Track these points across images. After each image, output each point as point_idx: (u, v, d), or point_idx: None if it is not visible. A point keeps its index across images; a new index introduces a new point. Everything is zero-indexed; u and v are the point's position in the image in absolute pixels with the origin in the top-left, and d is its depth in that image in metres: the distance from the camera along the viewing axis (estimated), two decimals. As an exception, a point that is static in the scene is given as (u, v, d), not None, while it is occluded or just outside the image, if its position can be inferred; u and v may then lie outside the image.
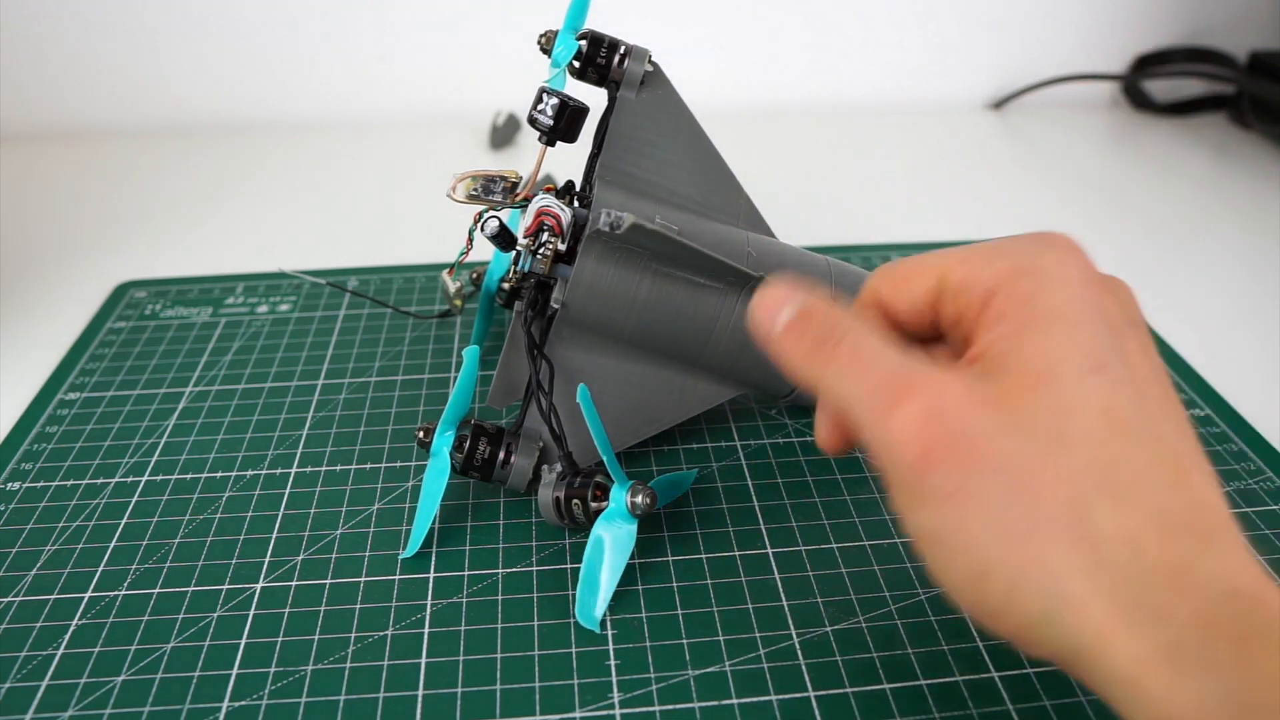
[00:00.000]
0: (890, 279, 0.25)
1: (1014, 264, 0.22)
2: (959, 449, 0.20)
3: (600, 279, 0.31)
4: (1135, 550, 0.19)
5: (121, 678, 0.29)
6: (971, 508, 0.20)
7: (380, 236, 0.55)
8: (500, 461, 0.33)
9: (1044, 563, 0.19)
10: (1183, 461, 0.20)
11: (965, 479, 0.20)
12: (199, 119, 0.72)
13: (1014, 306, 0.22)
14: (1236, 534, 0.20)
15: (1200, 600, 0.19)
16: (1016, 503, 0.20)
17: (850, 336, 0.23)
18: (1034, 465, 0.20)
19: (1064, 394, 0.20)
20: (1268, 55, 0.70)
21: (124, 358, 0.44)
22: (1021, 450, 0.20)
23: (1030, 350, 0.21)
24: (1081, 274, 0.22)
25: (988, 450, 0.20)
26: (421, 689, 0.28)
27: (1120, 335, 0.22)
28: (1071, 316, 0.21)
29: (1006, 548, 0.20)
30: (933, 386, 0.21)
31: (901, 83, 0.76)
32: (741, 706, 0.28)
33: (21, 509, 0.35)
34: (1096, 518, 0.19)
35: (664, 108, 0.36)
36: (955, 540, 0.20)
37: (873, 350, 0.23)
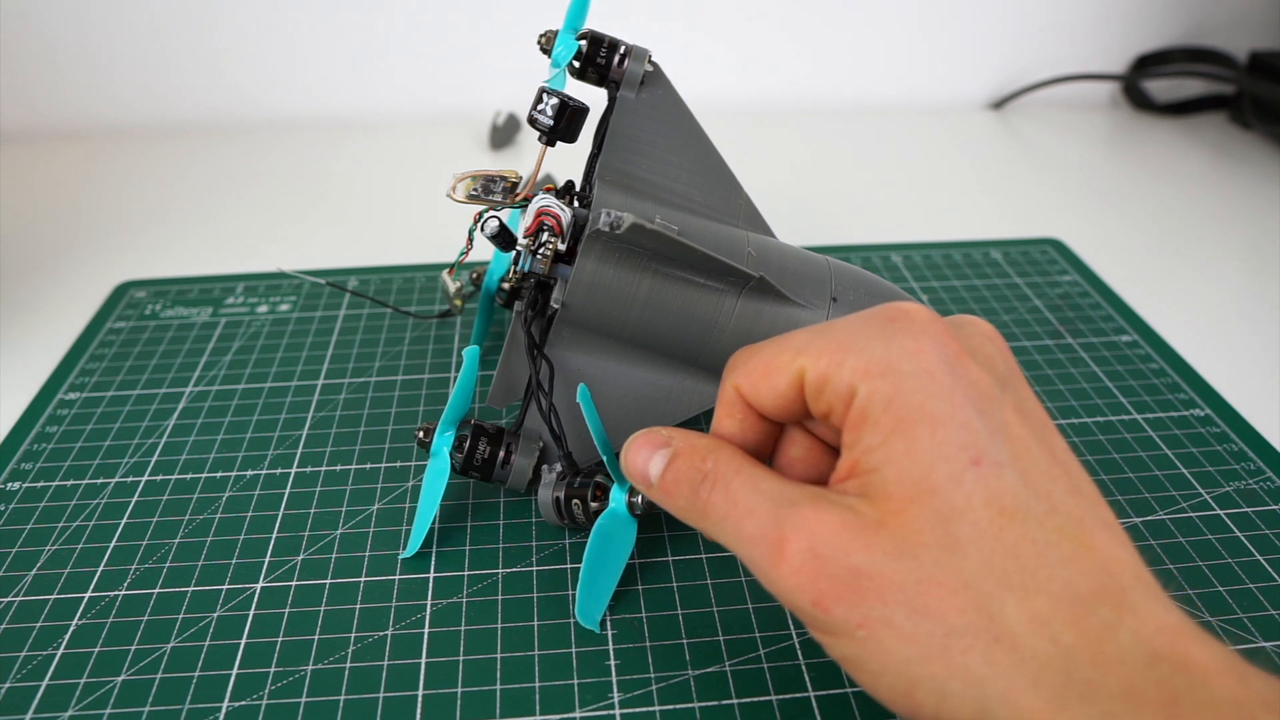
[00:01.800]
0: (749, 376, 0.24)
1: (867, 363, 0.22)
2: (851, 586, 0.20)
3: (600, 279, 0.31)
4: (1051, 635, 0.19)
5: (121, 678, 0.29)
6: (881, 636, 0.20)
7: (380, 236, 0.55)
8: (500, 461, 0.33)
9: (966, 671, 0.19)
10: (1083, 526, 0.20)
11: (866, 612, 0.20)
12: (199, 119, 0.72)
13: (877, 412, 0.21)
14: (1150, 585, 0.20)
15: (1124, 672, 0.19)
16: (923, 621, 0.20)
17: (718, 481, 0.23)
18: (930, 580, 0.20)
19: (945, 500, 0.20)
20: (1268, 55, 0.70)
21: (124, 358, 0.44)
22: (914, 570, 0.20)
23: (902, 462, 0.21)
24: (940, 355, 0.21)
25: (879, 579, 0.20)
26: (421, 689, 0.28)
27: (992, 408, 0.21)
28: (937, 413, 0.21)
29: (925, 665, 0.20)
30: (808, 528, 0.21)
31: (901, 83, 0.76)
32: (741, 706, 0.28)
33: (21, 509, 0.35)
34: (1006, 614, 0.19)
35: (664, 108, 0.36)
36: (874, 665, 0.21)
37: (744, 492, 0.23)
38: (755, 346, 0.24)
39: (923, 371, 0.21)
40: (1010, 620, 0.19)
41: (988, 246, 0.54)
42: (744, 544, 0.22)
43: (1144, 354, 0.44)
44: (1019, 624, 0.19)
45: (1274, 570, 0.33)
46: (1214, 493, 0.36)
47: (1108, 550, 0.20)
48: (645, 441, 0.25)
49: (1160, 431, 0.39)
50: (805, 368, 0.23)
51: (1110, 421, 0.40)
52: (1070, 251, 0.53)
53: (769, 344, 0.24)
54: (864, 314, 0.23)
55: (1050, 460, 0.21)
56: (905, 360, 0.21)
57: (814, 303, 0.34)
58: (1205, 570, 0.33)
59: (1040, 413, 0.23)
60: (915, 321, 0.22)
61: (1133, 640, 0.19)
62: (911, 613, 0.20)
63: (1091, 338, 0.46)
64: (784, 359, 0.23)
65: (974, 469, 0.20)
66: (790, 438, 0.26)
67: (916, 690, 0.20)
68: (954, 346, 0.22)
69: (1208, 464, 0.38)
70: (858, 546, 0.20)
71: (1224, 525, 0.35)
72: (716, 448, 0.24)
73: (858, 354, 0.22)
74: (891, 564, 0.20)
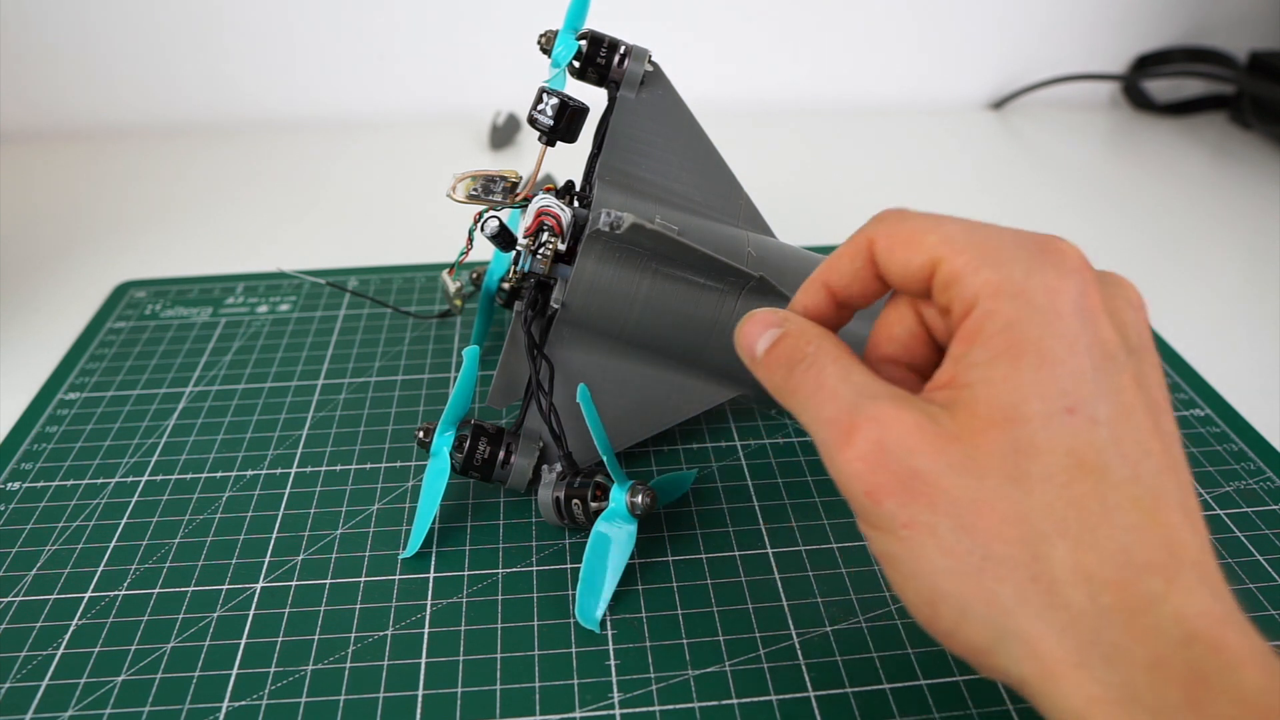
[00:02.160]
0: (889, 237, 0.24)
1: (1003, 279, 0.21)
2: (907, 486, 0.21)
3: (600, 279, 0.31)
4: (1092, 591, 0.19)
5: (121, 678, 0.29)
6: (922, 540, 0.20)
7: (380, 236, 0.55)
8: (500, 461, 0.33)
9: (993, 598, 0.20)
10: (1160, 501, 0.20)
11: (915, 514, 0.20)
12: (199, 119, 0.72)
13: (992, 331, 0.21)
14: (1208, 572, 0.20)
15: (1156, 644, 0.19)
16: (966, 539, 0.20)
17: (814, 364, 0.23)
18: (986, 503, 0.20)
19: (1028, 435, 0.20)
20: (1268, 55, 0.70)
21: (124, 358, 0.44)
22: (972, 488, 0.20)
23: (999, 386, 0.21)
24: (1076, 301, 0.21)
25: (936, 487, 0.20)
26: (421, 689, 0.28)
27: (1111, 368, 0.21)
28: (1050, 353, 0.20)
29: (956, 580, 0.20)
30: (881, 422, 0.21)
31: (901, 83, 0.76)
32: (741, 706, 0.28)
33: (21, 509, 0.35)
34: (1053, 557, 0.19)
35: (664, 108, 0.36)
36: (908, 567, 0.21)
37: (832, 379, 0.23)
38: (906, 212, 0.24)
39: (1052, 309, 0.21)
40: (1055, 564, 0.19)
41: (988, 246, 0.54)
42: (819, 425, 0.23)
43: (1144, 354, 0.44)
44: (1063, 570, 0.19)
45: (1274, 570, 0.33)
46: (1214, 493, 0.36)
47: (1176, 530, 0.20)
48: (761, 319, 0.25)
49: (1160, 431, 0.39)
50: (943, 258, 0.22)
51: (1110, 421, 0.40)
52: (1070, 251, 0.53)
53: (921, 217, 0.23)
54: (1021, 233, 0.22)
55: (1152, 433, 0.21)
56: (1040, 292, 0.21)
57: (814, 303, 0.33)
58: (1205, 570, 0.33)
59: (1160, 389, 0.22)
60: (1066, 260, 0.22)
61: (1173, 617, 0.19)
62: (957, 527, 0.20)
63: (1091, 338, 0.46)
64: (930, 240, 0.23)
65: (1067, 416, 0.20)
66: (898, 311, 0.25)
67: (940, 602, 0.20)
68: (1094, 298, 0.21)
69: (1208, 464, 0.38)
70: (925, 450, 0.21)
71: (1224, 525, 0.35)
72: (823, 336, 0.24)
73: (996, 268, 0.21)
74: (952, 476, 0.20)
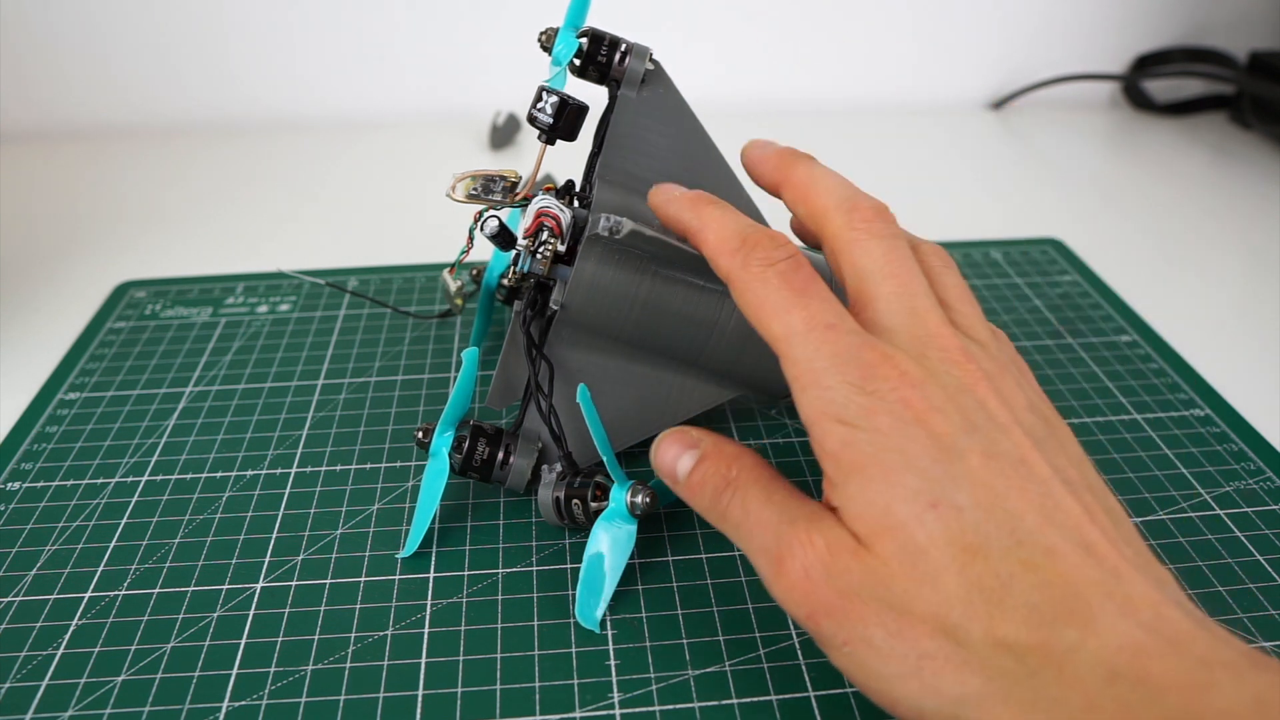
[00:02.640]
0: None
1: (825, 404, 0.23)
2: (837, 606, 0.22)
3: (600, 281, 0.31)
4: (1017, 657, 0.20)
5: (121, 678, 0.29)
6: (864, 654, 0.22)
7: (380, 236, 0.55)
8: (499, 462, 0.33)
9: (938, 690, 0.21)
10: (1049, 553, 0.21)
11: (850, 630, 0.22)
12: (199, 119, 0.72)
13: (833, 450, 0.23)
14: (1122, 604, 0.21)
15: (1085, 690, 0.20)
16: (899, 644, 0.21)
17: (739, 490, 0.25)
18: (901, 608, 0.21)
19: (908, 536, 0.21)
20: (1268, 55, 0.70)
21: (124, 358, 0.44)
22: (887, 598, 0.21)
23: (860, 502, 0.22)
24: (897, 415, 0.22)
25: (861, 605, 0.22)
26: (421, 689, 0.28)
27: (952, 457, 0.22)
28: (889, 465, 0.22)
29: (902, 683, 0.21)
30: (802, 550, 0.23)
31: (901, 83, 0.76)
32: (741, 706, 0.28)
33: (21, 509, 0.35)
34: (973, 641, 0.21)
35: (665, 106, 0.36)
36: (859, 678, 0.22)
37: (756, 505, 0.24)
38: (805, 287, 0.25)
39: (873, 428, 0.22)
40: (976, 646, 0.21)
41: (988, 246, 0.54)
42: (754, 554, 0.24)
43: (1144, 354, 0.44)
44: (985, 649, 0.21)
45: (1274, 570, 0.33)
46: (1214, 493, 0.36)
47: (1078, 573, 0.21)
48: (675, 440, 0.27)
49: (1160, 431, 0.39)
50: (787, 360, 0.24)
51: (1110, 421, 0.40)
52: (1070, 251, 0.53)
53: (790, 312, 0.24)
54: (850, 349, 0.23)
55: (1019, 493, 0.22)
56: (859, 416, 0.23)
57: (814, 303, 0.33)
58: (1205, 570, 0.33)
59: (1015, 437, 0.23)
60: (877, 373, 0.23)
61: (1093, 660, 0.20)
62: (888, 635, 0.21)
63: (1091, 338, 0.46)
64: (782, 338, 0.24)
65: (932, 510, 0.22)
66: None
67: (898, 705, 0.22)
68: (915, 403, 0.23)
69: (1208, 464, 0.38)
70: (841, 571, 0.22)
71: (1224, 525, 0.35)
72: (740, 455, 0.26)
73: (820, 391, 0.23)
74: (869, 590, 0.22)
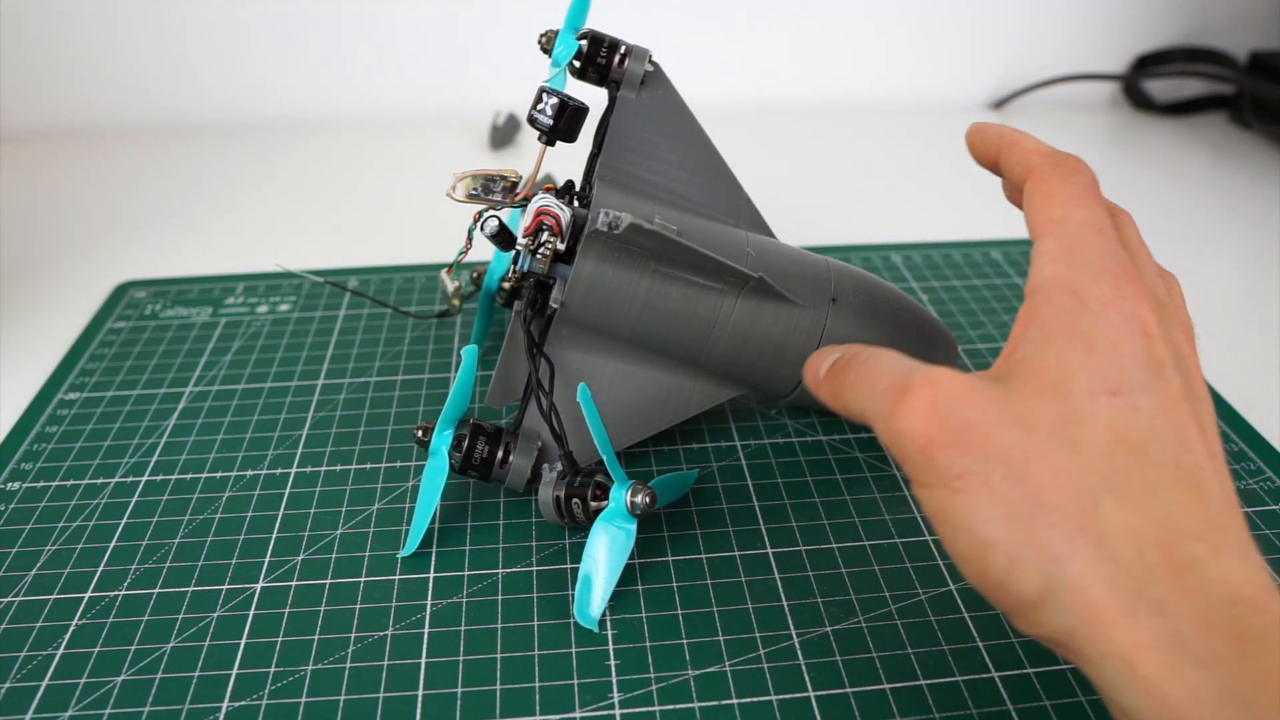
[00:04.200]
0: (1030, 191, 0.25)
1: (1071, 278, 0.23)
2: (959, 437, 0.21)
3: (599, 279, 0.31)
4: (1139, 548, 0.20)
5: (121, 678, 0.29)
6: (974, 490, 0.21)
7: (380, 236, 0.55)
8: (499, 461, 0.33)
9: (1044, 546, 0.20)
10: (1200, 487, 0.21)
11: (968, 464, 0.21)
12: (199, 119, 0.72)
13: (1049, 316, 0.22)
14: (1250, 552, 0.20)
15: (1201, 602, 0.19)
16: (1018, 486, 0.21)
17: (869, 359, 0.25)
18: (1036, 455, 0.21)
19: (1073, 405, 0.21)
20: (1268, 55, 0.70)
21: (124, 358, 0.44)
22: (1023, 440, 0.21)
23: (1049, 362, 0.22)
24: (1128, 316, 0.22)
25: (990, 438, 0.21)
26: (421, 689, 0.28)
27: (1160, 373, 0.22)
28: (1098, 345, 0.22)
29: (1007, 528, 0.21)
30: (934, 383, 0.22)
31: (902, 82, 0.76)
32: (741, 706, 0.28)
33: (21, 509, 0.35)
34: (1102, 510, 0.20)
35: (664, 107, 0.36)
36: (960, 519, 0.21)
37: (882, 365, 0.24)
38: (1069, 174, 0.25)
39: (1103, 315, 0.22)
40: (1104, 518, 0.20)
41: (988, 246, 0.54)
42: (873, 399, 0.23)
43: (1144, 354, 0.44)
44: (1113, 526, 0.20)
45: (1274, 570, 0.33)
46: (1214, 493, 0.36)
47: (1218, 512, 0.21)
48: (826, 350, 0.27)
49: (1160, 431, 0.39)
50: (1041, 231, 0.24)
51: (1110, 421, 0.40)
52: (1070, 251, 0.53)
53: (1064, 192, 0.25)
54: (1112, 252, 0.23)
55: (1196, 435, 0.22)
56: (1096, 300, 0.22)
57: (814, 303, 0.34)
58: (1205, 570, 0.33)
59: (1210, 423, 0.23)
60: (1129, 285, 0.23)
61: (1217, 578, 0.19)
62: (1009, 475, 0.21)
63: (1091, 338, 0.46)
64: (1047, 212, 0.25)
65: (1110, 397, 0.21)
66: None
67: (991, 551, 0.21)
68: (1149, 323, 0.22)
69: (1208, 464, 0.38)
70: (977, 405, 0.21)
71: (1224, 525, 0.35)
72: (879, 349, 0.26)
73: (1070, 266, 0.23)
74: (1004, 429, 0.21)
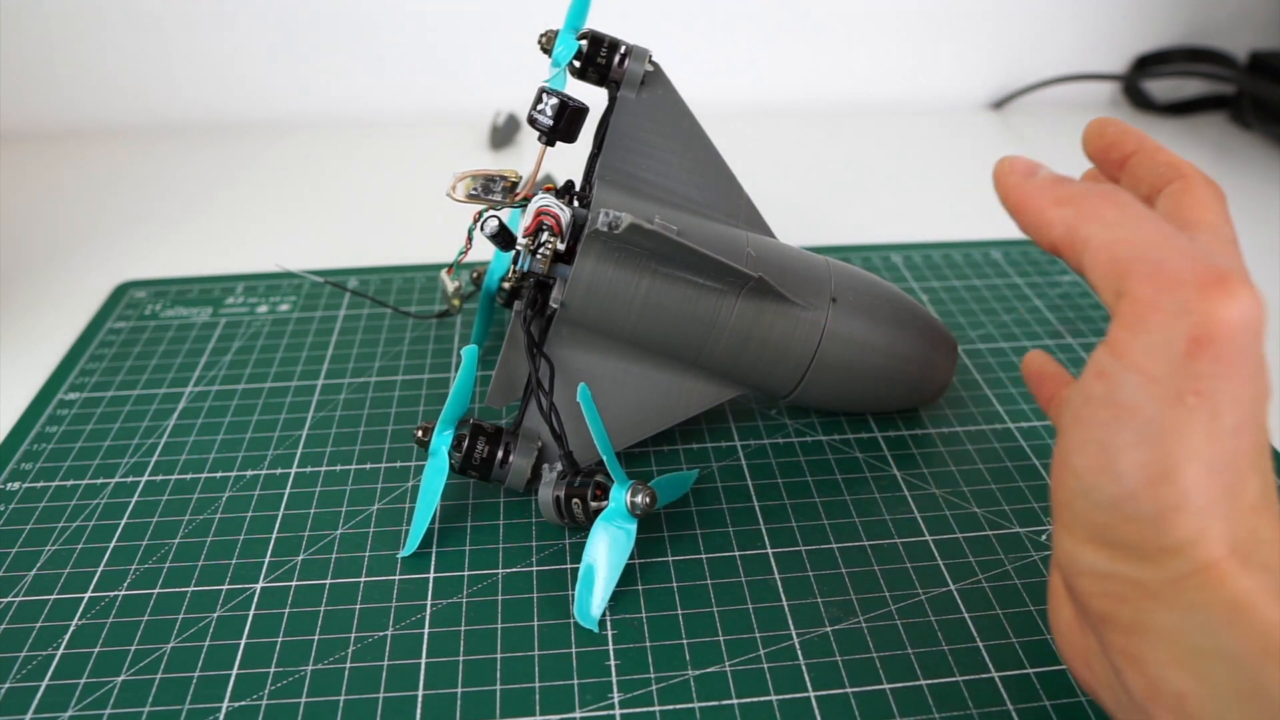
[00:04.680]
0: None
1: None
2: (1242, 360, 0.20)
3: (599, 279, 0.31)
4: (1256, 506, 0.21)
5: (121, 678, 0.29)
6: (1199, 421, 0.20)
7: (380, 236, 0.55)
8: (499, 461, 0.33)
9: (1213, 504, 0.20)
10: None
11: (1219, 388, 0.20)
12: (199, 119, 0.72)
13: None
14: None
15: None
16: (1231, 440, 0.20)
17: (1117, 194, 0.22)
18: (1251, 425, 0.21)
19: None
20: (1268, 55, 0.70)
21: (124, 358, 0.44)
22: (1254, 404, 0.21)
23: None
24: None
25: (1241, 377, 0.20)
26: (421, 689, 0.28)
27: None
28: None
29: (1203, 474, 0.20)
30: (1251, 289, 0.20)
31: (901, 83, 0.76)
32: (741, 706, 0.28)
33: (21, 509, 0.35)
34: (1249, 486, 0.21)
35: (664, 108, 0.36)
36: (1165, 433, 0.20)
37: (1155, 221, 0.21)
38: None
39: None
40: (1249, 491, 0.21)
41: (988, 246, 0.54)
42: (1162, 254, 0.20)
43: (1144, 354, 0.44)
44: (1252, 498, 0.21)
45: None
46: (1214, 493, 0.36)
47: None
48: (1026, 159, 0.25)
49: (1160, 431, 0.39)
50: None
51: (1110, 421, 0.40)
52: (1070, 251, 0.53)
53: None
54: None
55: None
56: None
57: (814, 303, 0.34)
58: (1205, 570, 0.33)
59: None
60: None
61: None
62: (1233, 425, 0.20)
63: (1091, 338, 0.46)
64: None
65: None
66: None
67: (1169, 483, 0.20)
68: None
69: (1208, 464, 0.38)
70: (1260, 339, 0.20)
71: (1224, 525, 0.35)
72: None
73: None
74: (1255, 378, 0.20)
